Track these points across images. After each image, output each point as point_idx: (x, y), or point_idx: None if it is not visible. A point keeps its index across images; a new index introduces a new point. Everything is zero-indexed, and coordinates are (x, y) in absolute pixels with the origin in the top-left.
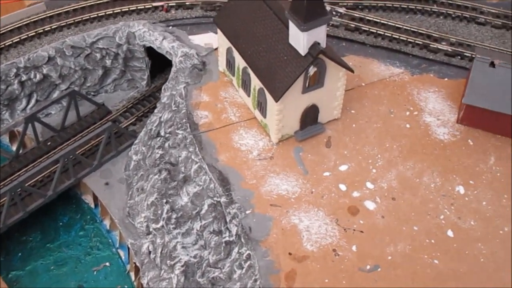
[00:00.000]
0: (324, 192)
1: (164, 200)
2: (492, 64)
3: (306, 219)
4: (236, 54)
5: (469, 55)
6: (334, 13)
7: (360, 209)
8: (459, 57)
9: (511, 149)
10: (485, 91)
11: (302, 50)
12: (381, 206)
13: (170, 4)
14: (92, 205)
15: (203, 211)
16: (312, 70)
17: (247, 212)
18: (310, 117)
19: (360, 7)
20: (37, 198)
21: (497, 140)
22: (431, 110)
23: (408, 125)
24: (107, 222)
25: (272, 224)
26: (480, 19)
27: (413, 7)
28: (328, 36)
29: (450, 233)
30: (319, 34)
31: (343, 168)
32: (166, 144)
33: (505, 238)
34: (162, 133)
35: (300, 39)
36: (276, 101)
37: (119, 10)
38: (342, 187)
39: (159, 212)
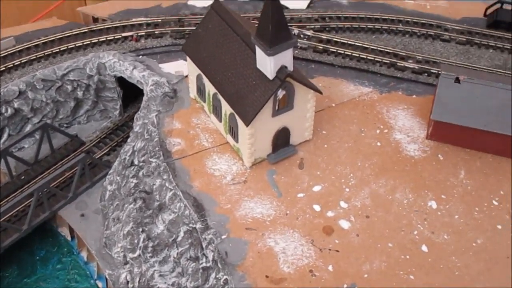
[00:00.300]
0: (299, 213)
1: (140, 229)
2: (457, 80)
3: (282, 241)
4: (206, 80)
5: (436, 71)
6: (302, 36)
7: (335, 229)
8: (426, 74)
9: (480, 162)
10: (451, 107)
11: (270, 74)
12: (356, 225)
13: (139, 34)
14: (69, 238)
15: (179, 238)
16: (281, 93)
17: (223, 237)
18: (281, 139)
19: (327, 29)
20: (12, 233)
21: (466, 154)
22: (401, 127)
23: (379, 143)
24: (84, 254)
25: (248, 248)
26: (445, 36)
27: (379, 27)
28: (296, 58)
29: (424, 248)
30: (286, 57)
31: (317, 188)
32: (140, 173)
33: (478, 250)
34: (136, 162)
35: (267, 64)
36: (247, 125)
37: (89, 42)
38: (316, 207)
39: (136, 241)
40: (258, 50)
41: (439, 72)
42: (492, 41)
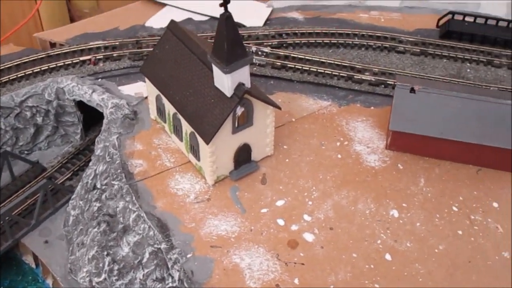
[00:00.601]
0: (263, 228)
1: (105, 253)
2: (413, 90)
3: (247, 257)
4: (165, 101)
5: (392, 83)
6: (259, 53)
7: (300, 242)
8: (382, 85)
9: (438, 169)
10: (408, 116)
11: (228, 91)
12: (320, 237)
13: (97, 57)
14: (33, 265)
15: (144, 260)
16: (239, 110)
17: (188, 256)
18: (243, 156)
19: (284, 45)
20: None
21: (425, 162)
22: (361, 138)
23: (339, 156)
24: (49, 281)
25: (214, 266)
26: (400, 48)
27: (335, 41)
28: (255, 75)
29: (388, 256)
30: (243, 75)
31: (280, 203)
32: (103, 196)
33: (440, 256)
34: (98, 186)
35: (224, 82)
36: (207, 143)
37: (47, 67)
38: (280, 222)
39: (101, 265)
40: (215, 69)
41: (395, 83)
42: (446, 51)
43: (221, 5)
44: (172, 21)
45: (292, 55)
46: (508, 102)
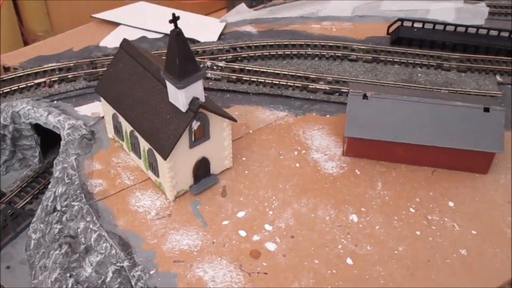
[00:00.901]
0: (225, 240)
1: (68, 274)
2: (365, 96)
3: (211, 269)
4: (121, 119)
5: (346, 90)
6: (215, 67)
7: (262, 252)
8: (337, 93)
9: (395, 173)
10: (362, 122)
11: (182, 107)
12: (282, 246)
13: (52, 80)
14: None
15: (108, 279)
16: (195, 124)
17: (151, 272)
18: (202, 170)
19: (239, 58)
20: None
21: (381, 166)
22: (318, 147)
23: (297, 164)
24: None
25: (178, 280)
26: (352, 56)
27: (289, 52)
28: (211, 89)
29: (349, 261)
30: (197, 89)
31: (241, 214)
32: (64, 218)
33: (400, 257)
34: (59, 207)
35: (178, 97)
36: (165, 159)
37: (1, 92)
38: (242, 233)
39: (64, 287)
40: (169, 85)
41: (349, 91)
42: (397, 57)
43: (170, 21)
44: (124, 40)
45: (247, 68)
46: (458, 104)
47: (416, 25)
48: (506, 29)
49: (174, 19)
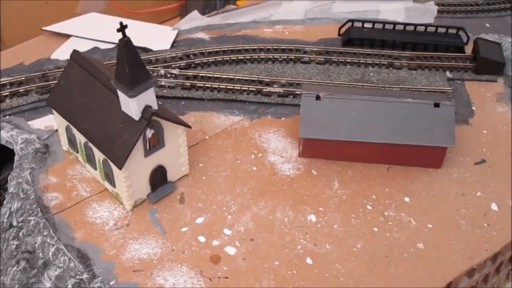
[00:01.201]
0: (185, 247)
1: None
2: (318, 97)
3: (171, 277)
4: (75, 131)
5: (300, 92)
6: (168, 75)
7: (222, 256)
8: (291, 96)
9: (351, 171)
10: (316, 123)
11: (135, 115)
12: (241, 249)
13: (3, 94)
14: None
15: None
16: (149, 132)
17: (111, 283)
18: (159, 178)
19: (192, 65)
20: None
21: (337, 166)
22: (274, 149)
23: (255, 168)
24: None
25: None
26: (305, 58)
27: (242, 57)
28: (166, 97)
29: (309, 260)
30: (149, 97)
31: (200, 220)
32: (20, 234)
33: (359, 254)
34: (15, 223)
35: (131, 106)
36: (120, 169)
37: None
38: (201, 238)
39: None
40: (120, 94)
41: (302, 92)
42: (349, 58)
43: (118, 30)
44: (74, 51)
45: (201, 74)
46: (409, 101)
47: (366, 25)
48: (454, 26)
49: (122, 28)
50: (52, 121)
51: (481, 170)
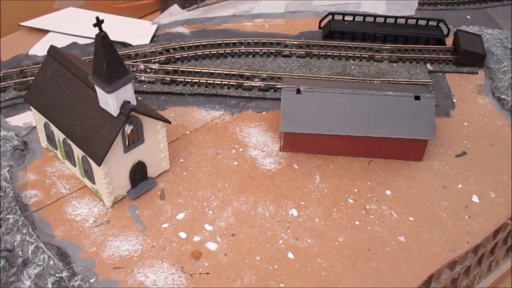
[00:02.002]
0: (166, 243)
1: None
2: (299, 91)
3: (152, 273)
4: (53, 127)
5: (281, 86)
6: (148, 70)
7: (203, 252)
8: (272, 90)
9: (332, 165)
10: (297, 117)
11: (113, 111)
12: (222, 245)
13: None
14: None
15: None
16: (128, 128)
17: (92, 280)
18: (139, 174)
19: (172, 60)
20: None
21: (318, 160)
22: (255, 144)
23: (235, 163)
24: None
25: (119, 287)
26: (286, 52)
27: (223, 51)
28: (146, 93)
29: (290, 255)
30: (127, 93)
31: (180, 216)
32: None
33: (341, 248)
34: None
35: (109, 101)
36: (99, 165)
37: None
38: (182, 234)
39: None
40: (98, 89)
41: (282, 86)
42: (330, 51)
43: (94, 25)
44: (51, 47)
45: (181, 69)
46: (389, 93)
47: (347, 18)
48: (435, 19)
49: (99, 23)
50: (30, 117)
51: (462, 163)
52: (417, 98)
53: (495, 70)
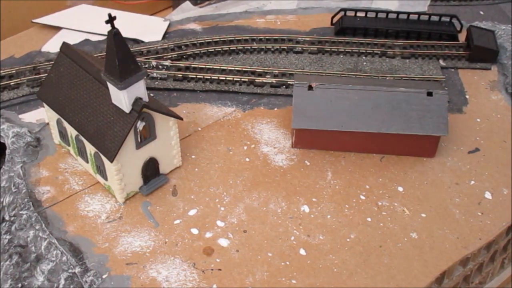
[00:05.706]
0: (178, 239)
1: (19, 285)
2: (310, 87)
3: (164, 269)
4: (66, 124)
5: (292, 83)
6: (160, 66)
7: (215, 248)
8: (284, 86)
9: (344, 162)
10: (309, 113)
11: (126, 107)
12: (234, 241)
13: None
14: None
15: (60, 286)
16: (140, 125)
17: (104, 276)
18: (151, 170)
19: (184, 56)
20: None
21: (330, 156)
22: (267, 140)
23: (247, 159)
24: None
25: (131, 283)
26: (298, 48)
27: (235, 48)
28: (158, 89)
29: (302, 251)
30: (139, 89)
31: (192, 212)
32: (13, 228)
33: (353, 244)
34: (7, 218)
35: (121, 98)
36: (111, 161)
37: None
38: (194, 231)
39: None
40: (111, 86)
41: (294, 83)
42: (342, 47)
43: (106, 22)
44: (64, 43)
45: (193, 65)
46: (401, 90)
47: (359, 14)
48: (447, 14)
49: (111, 20)
50: (43, 114)
51: (474, 159)
52: (429, 94)
53: (508, 66)
